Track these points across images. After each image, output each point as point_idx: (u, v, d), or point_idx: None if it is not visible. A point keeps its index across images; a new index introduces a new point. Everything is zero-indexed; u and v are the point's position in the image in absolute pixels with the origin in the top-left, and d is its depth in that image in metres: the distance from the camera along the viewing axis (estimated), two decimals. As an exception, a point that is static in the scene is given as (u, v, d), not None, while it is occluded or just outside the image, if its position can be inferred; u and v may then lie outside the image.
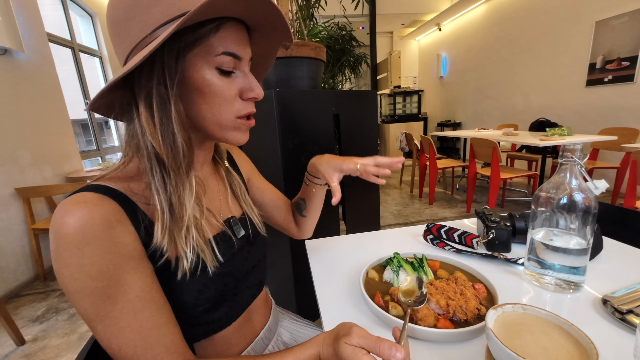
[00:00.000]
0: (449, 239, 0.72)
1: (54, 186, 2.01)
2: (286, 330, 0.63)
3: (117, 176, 0.40)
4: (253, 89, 0.41)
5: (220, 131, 0.42)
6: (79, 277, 0.32)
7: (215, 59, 0.38)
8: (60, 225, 0.32)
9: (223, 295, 0.44)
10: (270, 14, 0.39)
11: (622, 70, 2.81)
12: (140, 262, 0.36)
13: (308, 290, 1.20)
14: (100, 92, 0.35)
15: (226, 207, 0.51)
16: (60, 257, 0.32)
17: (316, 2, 2.14)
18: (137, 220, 0.37)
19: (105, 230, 0.33)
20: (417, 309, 0.44)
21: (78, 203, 0.33)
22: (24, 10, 2.24)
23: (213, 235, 0.45)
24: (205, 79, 0.38)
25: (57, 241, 0.32)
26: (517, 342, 0.33)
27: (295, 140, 1.10)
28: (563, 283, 0.52)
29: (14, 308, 1.75)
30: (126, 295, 0.34)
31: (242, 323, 0.51)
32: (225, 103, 0.40)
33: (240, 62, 0.40)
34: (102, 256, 0.33)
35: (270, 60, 0.51)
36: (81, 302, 0.32)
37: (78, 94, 3.11)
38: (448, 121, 5.63)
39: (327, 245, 0.76)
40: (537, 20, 3.66)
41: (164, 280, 0.39)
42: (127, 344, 0.34)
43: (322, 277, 0.62)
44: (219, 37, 0.37)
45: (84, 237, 0.32)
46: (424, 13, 5.39)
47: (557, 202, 0.50)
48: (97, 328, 0.33)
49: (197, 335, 0.45)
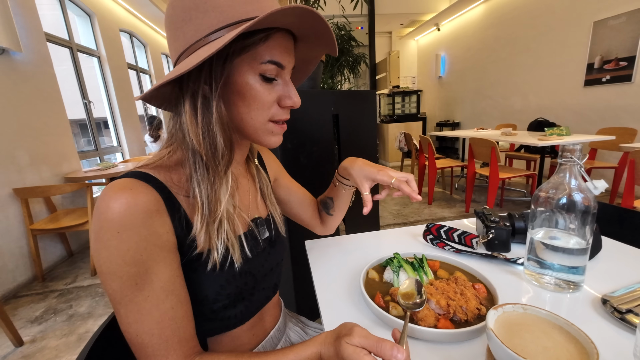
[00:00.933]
0: (448, 239, 0.72)
1: (52, 186, 2.00)
2: (294, 332, 0.64)
3: (160, 165, 0.41)
4: (291, 97, 0.43)
5: (255, 133, 0.43)
6: (115, 260, 0.34)
7: (260, 66, 0.39)
8: (106, 208, 0.34)
9: (242, 294, 0.46)
10: (319, 28, 0.41)
11: (620, 70, 2.82)
12: (169, 254, 0.38)
13: (308, 290, 1.20)
14: (155, 86, 0.38)
15: (254, 206, 0.53)
16: (101, 239, 0.34)
17: (315, 2, 2.14)
18: (174, 212, 0.39)
19: (145, 219, 0.35)
20: (417, 310, 0.44)
21: (124, 189, 0.35)
22: (21, 9, 2.23)
23: (243, 232, 0.47)
24: (248, 83, 0.39)
25: (101, 223, 0.34)
26: (517, 342, 0.33)
27: (294, 140, 1.10)
28: (562, 283, 0.52)
29: (12, 309, 1.75)
30: (152, 285, 0.36)
31: (255, 323, 0.52)
32: (263, 108, 0.41)
33: (283, 70, 0.42)
34: (138, 243, 0.34)
35: (311, 66, 0.53)
36: (112, 283, 0.34)
37: (76, 94, 3.10)
38: (447, 121, 5.64)
39: (327, 246, 0.76)
40: (536, 20, 3.67)
41: (192, 272, 0.41)
42: (145, 331, 0.36)
43: (322, 278, 0.62)
44: (267, 46, 0.39)
45: (126, 223, 0.34)
46: (423, 13, 5.40)
47: (556, 202, 0.50)
48: (121, 311, 0.35)
49: (212, 330, 0.47)
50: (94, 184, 2.37)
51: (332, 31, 0.42)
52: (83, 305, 1.73)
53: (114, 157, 3.80)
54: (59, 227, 1.99)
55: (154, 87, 0.38)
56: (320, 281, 0.61)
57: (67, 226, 2.00)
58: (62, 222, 2.05)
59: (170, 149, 0.43)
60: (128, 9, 4.19)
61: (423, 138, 3.22)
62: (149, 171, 0.39)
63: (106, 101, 3.67)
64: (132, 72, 4.31)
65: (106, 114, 3.73)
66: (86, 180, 2.33)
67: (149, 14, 4.52)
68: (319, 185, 1.28)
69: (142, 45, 4.89)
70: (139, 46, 4.83)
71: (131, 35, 4.48)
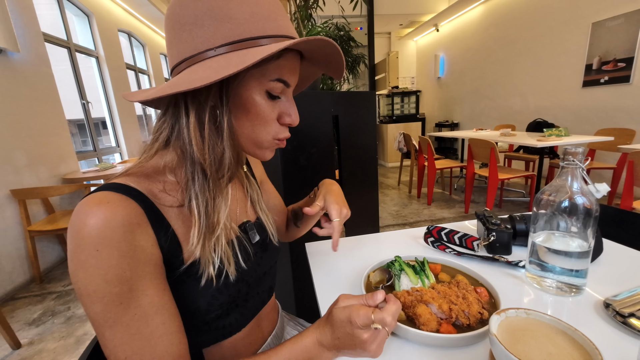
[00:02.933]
0: (449, 242, 0.72)
1: (50, 187, 1.99)
2: (291, 335, 0.63)
3: (138, 173, 0.39)
4: (291, 114, 0.42)
5: (253, 147, 0.43)
6: (94, 280, 0.31)
7: (268, 83, 0.39)
8: (81, 225, 0.31)
9: (235, 302, 0.44)
10: (333, 56, 0.42)
11: (618, 72, 2.83)
12: (155, 268, 0.35)
13: (308, 291, 1.20)
14: (164, 93, 0.34)
15: (243, 212, 0.52)
16: (77, 258, 0.31)
17: (314, 3, 2.14)
18: (157, 224, 0.36)
19: (125, 234, 0.32)
20: (420, 314, 0.44)
21: (100, 203, 0.32)
22: (19, 9, 2.22)
23: (230, 239, 0.45)
24: (253, 99, 0.39)
25: (76, 241, 0.31)
26: (521, 348, 0.33)
27: (294, 142, 1.10)
28: (564, 286, 0.51)
29: (9, 311, 1.73)
30: (139, 301, 0.33)
31: (252, 330, 0.51)
32: (265, 124, 0.41)
33: (288, 88, 0.42)
34: (120, 260, 0.32)
35: (307, 83, 0.53)
36: (93, 306, 0.31)
37: (74, 94, 3.08)
38: (446, 121, 5.65)
39: (327, 248, 0.75)
40: (534, 21, 3.68)
41: (181, 284, 0.39)
42: (135, 351, 0.33)
43: (323, 280, 0.61)
44: (277, 64, 0.38)
45: (104, 240, 0.31)
46: (422, 14, 5.41)
47: (558, 205, 0.49)
48: (106, 334, 0.32)
49: (207, 341, 0.45)
50: (92, 184, 2.36)
51: (343, 59, 0.42)
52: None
53: (112, 158, 3.78)
54: (57, 229, 1.98)
55: (161, 92, 0.35)
56: (321, 283, 0.60)
57: (65, 227, 1.99)
58: (60, 223, 2.04)
59: (146, 156, 0.40)
60: (126, 9, 4.17)
61: (422, 139, 3.23)
62: (127, 182, 0.36)
63: (104, 101, 3.66)
64: (130, 72, 4.30)
65: (104, 115, 3.72)
66: (84, 181, 2.32)
67: (147, 14, 4.51)
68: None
69: (140, 46, 4.88)
70: (138, 46, 4.82)
71: (130, 35, 4.47)
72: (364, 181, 1.42)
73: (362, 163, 1.40)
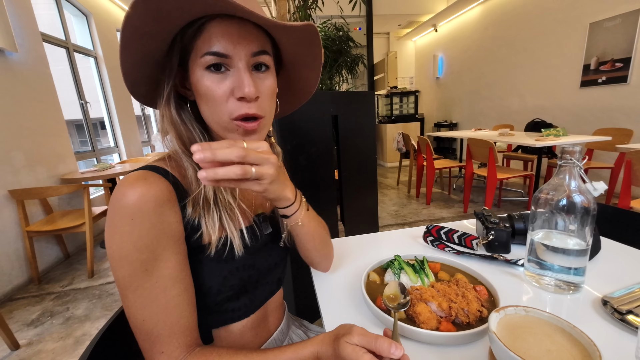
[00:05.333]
0: (448, 241, 0.72)
1: (48, 188, 1.98)
2: (297, 335, 0.64)
3: (170, 158, 0.44)
4: (241, 86, 0.38)
5: (221, 132, 0.42)
6: (126, 245, 0.35)
7: (201, 60, 0.38)
8: (122, 195, 0.36)
9: (245, 286, 0.47)
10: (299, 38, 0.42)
11: (616, 72, 2.84)
12: (177, 242, 0.40)
13: (308, 291, 1.20)
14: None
15: (258, 202, 0.54)
16: (115, 225, 0.36)
17: (313, 3, 2.14)
18: (183, 202, 0.41)
19: (156, 208, 0.37)
20: (420, 313, 0.44)
21: (139, 179, 0.37)
22: (17, 9, 2.21)
23: (245, 226, 0.47)
24: (197, 80, 0.40)
25: (116, 209, 0.36)
26: (520, 345, 0.33)
27: (293, 141, 1.10)
28: (563, 284, 0.52)
29: (7, 312, 1.73)
30: (161, 271, 0.37)
31: (259, 321, 0.53)
32: (218, 103, 0.39)
33: (231, 59, 0.38)
34: (150, 230, 0.36)
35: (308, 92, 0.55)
36: (122, 269, 0.36)
37: (73, 95, 3.07)
38: (444, 121, 5.65)
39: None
40: (533, 22, 3.69)
41: (197, 263, 0.42)
42: (152, 317, 0.37)
43: (323, 280, 0.62)
44: (203, 38, 0.38)
45: (138, 211, 0.36)
46: (421, 14, 5.41)
47: (556, 204, 0.50)
48: (129, 296, 0.37)
49: (216, 322, 0.48)
50: (90, 185, 2.35)
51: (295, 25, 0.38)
52: (80, 308, 1.72)
53: (110, 158, 3.77)
54: (56, 229, 1.98)
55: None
56: (321, 283, 0.60)
57: (63, 228, 1.98)
58: (59, 223, 2.03)
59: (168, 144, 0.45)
60: (125, 9, 4.17)
61: (421, 138, 3.23)
62: (163, 165, 0.42)
63: (103, 102, 3.65)
64: (129, 72, 4.28)
65: (103, 115, 3.71)
66: (83, 182, 2.31)
67: (146, 14, 4.49)
68: (317, 187, 1.28)
69: (139, 46, 4.86)
70: (136, 46, 4.80)
71: (128, 35, 4.45)
72: (363, 181, 1.43)
73: (361, 163, 1.40)
